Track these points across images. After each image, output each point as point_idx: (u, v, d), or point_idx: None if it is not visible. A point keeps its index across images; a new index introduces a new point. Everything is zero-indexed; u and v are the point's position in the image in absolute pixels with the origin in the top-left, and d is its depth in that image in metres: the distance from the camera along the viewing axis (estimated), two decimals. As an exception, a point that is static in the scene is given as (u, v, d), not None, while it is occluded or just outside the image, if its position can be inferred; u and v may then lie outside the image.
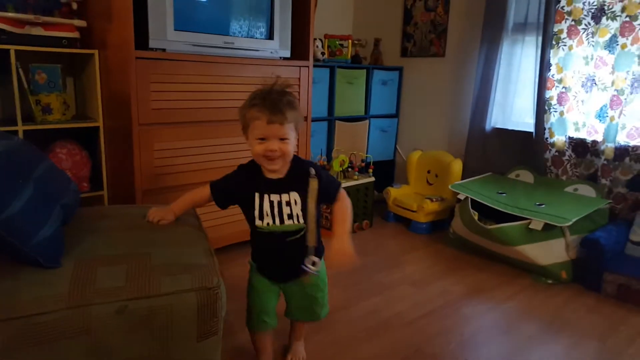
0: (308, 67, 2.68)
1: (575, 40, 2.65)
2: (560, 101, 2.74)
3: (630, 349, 1.86)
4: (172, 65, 2.15)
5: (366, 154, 3.45)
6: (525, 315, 2.10)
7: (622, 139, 2.55)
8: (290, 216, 1.39)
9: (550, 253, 2.41)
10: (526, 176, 2.98)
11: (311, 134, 2.89)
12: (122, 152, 2.19)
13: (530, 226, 2.41)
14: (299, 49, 2.69)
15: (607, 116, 2.57)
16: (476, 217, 2.62)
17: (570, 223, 2.32)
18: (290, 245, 1.42)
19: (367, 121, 3.51)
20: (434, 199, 3.13)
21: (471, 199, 2.70)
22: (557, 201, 2.57)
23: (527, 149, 2.97)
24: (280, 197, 1.39)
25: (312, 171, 1.43)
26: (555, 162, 2.82)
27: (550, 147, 2.81)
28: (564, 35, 2.68)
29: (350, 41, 3.40)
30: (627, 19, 2.45)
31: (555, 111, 2.77)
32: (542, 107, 2.80)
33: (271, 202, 1.39)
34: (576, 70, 2.68)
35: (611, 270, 2.28)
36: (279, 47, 2.53)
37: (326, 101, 3.23)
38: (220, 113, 2.36)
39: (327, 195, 1.45)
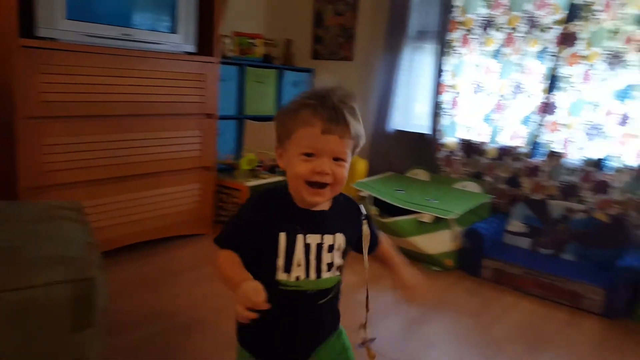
0: (214, 63, 2.70)
1: (467, 49, 2.90)
2: (452, 105, 2.98)
3: (500, 322, 2.10)
4: (66, 55, 2.08)
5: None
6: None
7: (503, 140, 2.82)
8: (330, 266, 0.98)
9: (438, 243, 2.61)
10: (423, 175, 3.19)
11: (220, 132, 2.91)
12: (2, 147, 2.07)
13: (421, 219, 2.61)
14: (206, 44, 2.70)
15: (492, 119, 2.84)
16: (376, 212, 2.78)
17: (455, 216, 2.54)
18: (321, 309, 1.01)
19: (278, 120, 3.58)
20: (340, 196, 3.26)
21: (372, 196, 2.86)
22: (447, 196, 2.79)
23: (423, 150, 3.19)
24: (322, 239, 0.97)
25: (363, 209, 1.08)
26: (447, 161, 3.06)
27: (442, 148, 3.05)
28: (457, 43, 2.92)
29: (261, 40, 3.45)
30: (510, 30, 2.71)
31: (448, 114, 3.00)
32: (436, 110, 3.02)
33: (307, 246, 0.95)
34: (467, 77, 2.93)
35: (489, 257, 2.52)
36: (183, 41, 2.53)
37: (235, 99, 3.26)
38: (121, 107, 2.32)
39: (375, 240, 1.10)
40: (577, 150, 2.58)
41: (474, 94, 2.92)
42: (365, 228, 1.04)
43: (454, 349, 1.90)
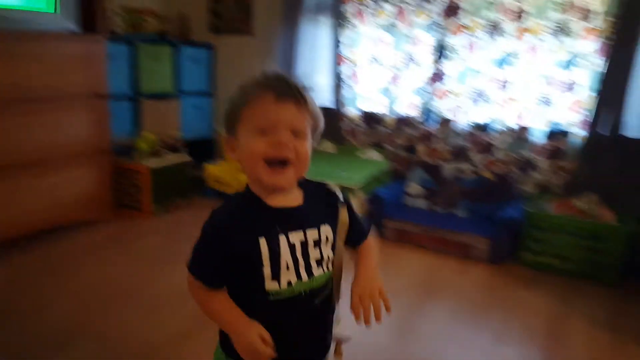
0: (100, 41, 2.53)
1: (361, 22, 2.98)
2: (352, 77, 3.07)
3: (399, 275, 2.28)
4: None
5: (180, 132, 3.41)
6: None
7: (400, 110, 2.97)
8: (319, 262, 0.86)
9: (345, 211, 2.72)
10: (329, 147, 3.28)
11: (114, 113, 2.76)
12: None
13: (328, 189, 2.69)
14: (90, 21, 2.53)
15: (388, 90, 2.97)
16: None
17: (360, 184, 2.65)
18: (320, 310, 0.89)
19: (178, 99, 3.46)
20: (248, 172, 3.26)
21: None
22: (352, 166, 2.90)
23: (328, 122, 3.25)
24: (306, 235, 0.85)
25: (339, 194, 0.93)
26: (351, 132, 3.16)
27: (346, 120, 3.14)
28: (352, 16, 2.99)
29: (152, 15, 3.29)
30: (400, 3, 2.83)
31: (348, 87, 3.09)
32: (337, 83, 3.10)
33: (292, 247, 0.83)
34: (363, 49, 3.02)
35: (391, 219, 2.68)
36: (64, 19, 2.35)
37: (128, 78, 3.09)
38: (-5, 90, 2.11)
39: (358, 232, 0.94)
40: (464, 115, 2.79)
41: (370, 66, 3.02)
42: (344, 215, 0.90)
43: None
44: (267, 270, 0.81)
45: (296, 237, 0.84)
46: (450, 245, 2.54)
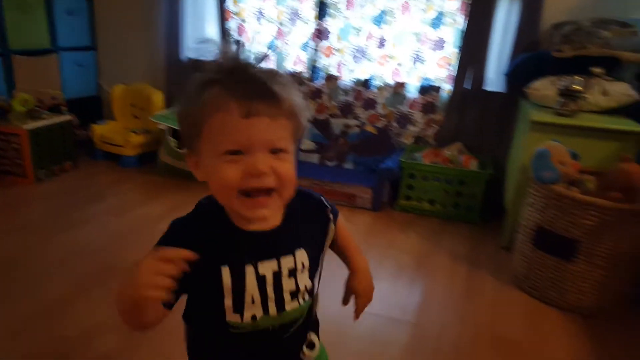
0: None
1: (247, -24, 2.94)
2: (239, 32, 3.06)
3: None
4: None
5: (61, 91, 3.20)
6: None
7: (288, 66, 3.03)
8: (294, 295, 0.75)
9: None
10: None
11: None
12: None
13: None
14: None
15: (275, 46, 3.01)
16: (174, 144, 2.81)
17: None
18: (287, 343, 0.78)
19: (55, 55, 3.22)
20: (138, 132, 3.18)
21: (171, 127, 2.86)
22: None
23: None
24: (280, 265, 0.73)
25: (326, 202, 0.83)
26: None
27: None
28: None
29: (17, -39, 2.97)
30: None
31: (235, 41, 3.08)
32: (224, 37, 3.07)
33: (260, 279, 0.71)
34: (249, 3, 3.00)
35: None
36: None
37: (-7, 32, 2.82)
38: None
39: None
40: (348, 72, 2.93)
41: (257, 21, 3.03)
42: (332, 227, 0.81)
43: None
44: (228, 302, 0.69)
45: (267, 267, 0.71)
46: (339, 196, 2.73)
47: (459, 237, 2.45)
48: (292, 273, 0.73)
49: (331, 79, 2.96)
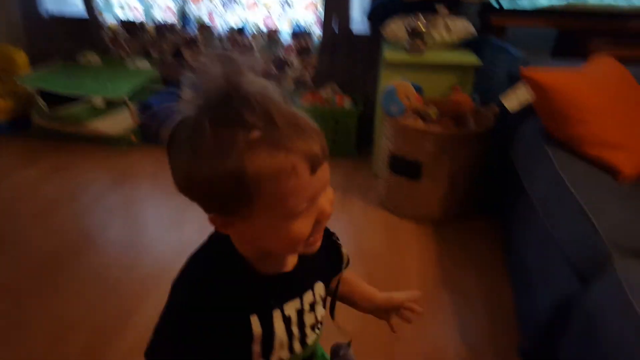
0: None
1: None
2: (101, -18, 2.92)
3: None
4: None
5: None
6: (111, 177, 2.49)
7: (158, 16, 2.98)
8: (314, 327, 0.72)
9: (118, 123, 2.78)
10: (94, 58, 3.15)
11: None
12: None
13: (94, 104, 2.68)
14: None
15: (143, -5, 2.93)
16: (43, 107, 2.71)
17: (125, 95, 2.70)
18: None
19: None
20: (4, 96, 2.99)
21: (39, 89, 2.74)
22: (119, 78, 2.89)
23: (86, 33, 3.10)
24: (302, 302, 0.69)
25: (332, 232, 0.79)
26: (113, 42, 3.08)
27: (105, 29, 3.03)
28: None
29: None
30: None
31: (100, -8, 2.94)
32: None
33: (287, 320, 0.67)
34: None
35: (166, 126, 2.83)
36: None
37: None
38: None
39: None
40: (221, 20, 2.94)
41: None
42: (344, 251, 0.79)
43: (136, 215, 2.23)
44: (256, 348, 0.64)
45: (292, 307, 0.67)
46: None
47: (336, 170, 2.70)
48: (312, 307, 0.70)
49: (204, 27, 2.96)
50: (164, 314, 0.63)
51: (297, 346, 0.69)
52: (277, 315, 0.65)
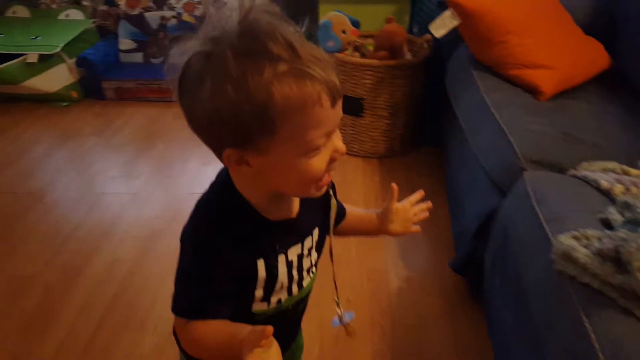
0: None
1: None
2: None
3: (121, 132, 2.49)
4: None
5: None
6: (54, 136, 2.44)
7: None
8: (309, 270, 0.74)
9: (56, 79, 2.68)
10: (22, 11, 2.99)
11: None
12: None
13: (27, 61, 2.57)
14: None
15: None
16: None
17: (59, 49, 2.59)
18: (299, 314, 0.80)
19: None
20: None
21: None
22: (51, 31, 2.76)
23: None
24: (303, 246, 0.71)
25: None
26: (40, -9, 2.91)
27: (29, -23, 2.85)
28: None
29: None
30: None
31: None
32: None
33: (289, 264, 0.69)
34: None
35: (107, 79, 2.76)
36: None
37: None
38: None
39: (342, 213, 0.84)
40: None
41: None
42: (334, 201, 0.77)
43: (83, 172, 2.22)
44: (259, 293, 0.67)
45: (294, 252, 0.69)
46: (169, 93, 2.75)
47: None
48: (309, 251, 0.72)
49: (135, -30, 2.82)
50: (181, 263, 0.63)
51: (295, 288, 0.71)
52: (281, 260, 0.67)
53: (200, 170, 2.19)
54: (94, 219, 1.89)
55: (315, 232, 0.73)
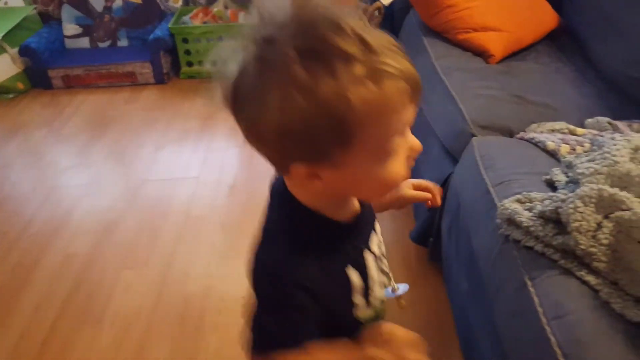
0: None
1: None
2: None
3: (70, 121, 2.39)
4: None
5: None
6: (1, 130, 2.33)
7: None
8: (383, 253, 0.68)
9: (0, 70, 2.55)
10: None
11: None
12: None
13: (-36, 52, 2.43)
14: None
15: None
16: None
17: (0, 37, 2.46)
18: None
19: None
20: None
21: None
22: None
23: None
24: (376, 232, 0.66)
25: None
26: (-28, -24, 2.73)
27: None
28: None
29: None
30: None
31: None
32: None
33: (375, 257, 0.64)
34: None
35: (53, 67, 2.63)
36: None
37: None
38: None
39: None
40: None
41: None
42: None
43: (33, 165, 2.13)
44: (358, 300, 0.60)
45: (375, 243, 0.64)
46: (119, 78, 2.68)
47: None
48: (379, 246, 0.66)
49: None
50: (262, 298, 0.55)
51: (386, 280, 0.66)
52: (368, 257, 0.61)
53: (155, 155, 2.13)
54: (46, 213, 1.83)
55: (377, 226, 0.67)
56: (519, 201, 0.95)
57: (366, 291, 0.60)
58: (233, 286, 1.46)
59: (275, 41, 0.45)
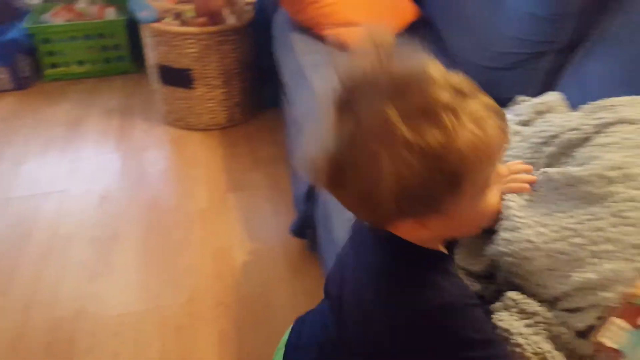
0: None
1: None
2: None
3: None
4: None
5: None
6: None
7: None
8: None
9: None
10: None
11: None
12: None
13: None
14: None
15: None
16: None
17: None
18: None
19: None
20: None
21: None
22: None
23: None
24: None
25: None
26: None
27: None
28: None
29: None
30: None
31: None
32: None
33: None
34: None
35: None
36: None
37: None
38: None
39: None
40: None
41: None
42: None
43: None
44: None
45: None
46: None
47: (113, 92, 2.47)
48: None
49: None
50: (471, 336, 0.52)
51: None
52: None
53: (16, 170, 1.93)
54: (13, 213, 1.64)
55: None
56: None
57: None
58: (106, 304, 1.38)
59: (372, 105, 0.44)
